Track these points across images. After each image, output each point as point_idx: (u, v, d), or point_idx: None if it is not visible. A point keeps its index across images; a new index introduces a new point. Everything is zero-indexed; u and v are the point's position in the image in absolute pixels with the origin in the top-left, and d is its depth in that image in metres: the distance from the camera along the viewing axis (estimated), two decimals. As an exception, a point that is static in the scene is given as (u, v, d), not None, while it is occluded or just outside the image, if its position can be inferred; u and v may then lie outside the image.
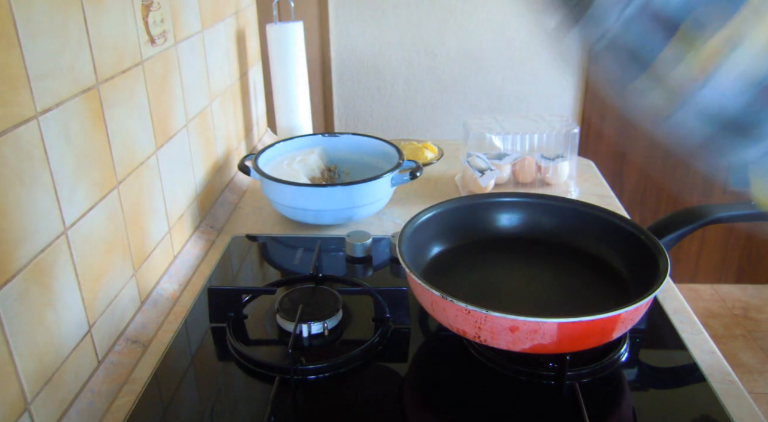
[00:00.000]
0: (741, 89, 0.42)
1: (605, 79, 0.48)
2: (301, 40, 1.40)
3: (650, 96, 0.46)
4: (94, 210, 0.71)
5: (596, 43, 0.47)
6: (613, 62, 0.47)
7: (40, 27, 0.61)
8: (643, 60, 0.45)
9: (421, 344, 0.79)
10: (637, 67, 0.45)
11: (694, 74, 0.43)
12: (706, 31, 0.41)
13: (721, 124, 0.44)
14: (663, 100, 0.45)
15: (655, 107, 0.46)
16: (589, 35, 0.47)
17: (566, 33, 0.48)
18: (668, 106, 0.45)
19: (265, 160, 1.13)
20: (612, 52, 0.46)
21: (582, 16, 0.47)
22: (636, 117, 0.48)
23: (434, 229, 0.87)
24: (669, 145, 0.47)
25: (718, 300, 2.32)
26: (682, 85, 0.44)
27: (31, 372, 0.60)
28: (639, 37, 0.44)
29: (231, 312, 0.82)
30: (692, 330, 0.82)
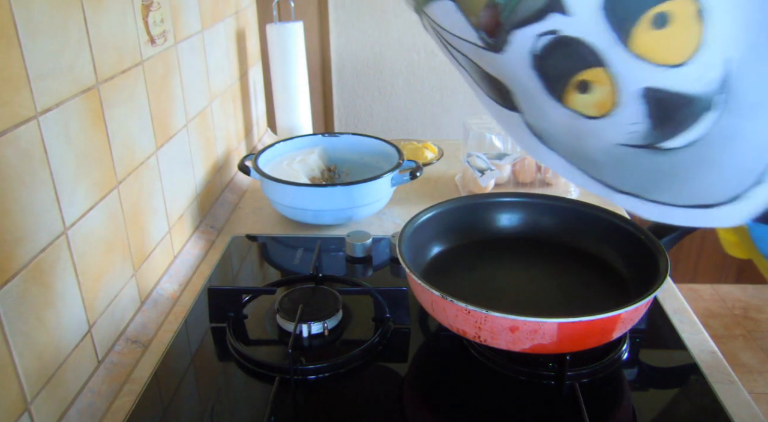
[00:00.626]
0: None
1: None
2: (301, 40, 1.40)
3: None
4: (94, 210, 0.71)
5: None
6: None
7: (40, 27, 0.61)
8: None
9: (421, 344, 0.79)
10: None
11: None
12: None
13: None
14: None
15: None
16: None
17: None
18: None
19: (265, 160, 1.13)
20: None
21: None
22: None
23: (434, 229, 0.87)
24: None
25: (718, 300, 2.32)
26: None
27: (31, 372, 0.60)
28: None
29: (231, 312, 0.82)
30: (692, 330, 0.82)
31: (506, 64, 0.44)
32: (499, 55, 0.43)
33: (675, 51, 0.38)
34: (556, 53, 0.41)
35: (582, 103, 0.43)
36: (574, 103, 0.43)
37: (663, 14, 0.37)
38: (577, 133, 0.45)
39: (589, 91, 0.42)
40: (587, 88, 0.42)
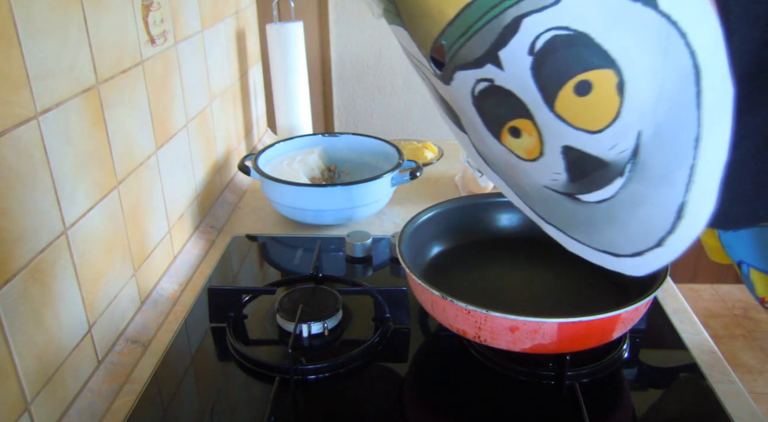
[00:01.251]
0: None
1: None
2: (301, 40, 1.40)
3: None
4: (94, 210, 0.71)
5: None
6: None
7: (40, 27, 0.61)
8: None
9: (421, 344, 0.79)
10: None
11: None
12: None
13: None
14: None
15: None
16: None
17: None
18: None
19: (265, 160, 1.13)
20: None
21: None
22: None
23: (434, 229, 0.87)
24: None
25: (718, 300, 2.32)
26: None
27: (31, 372, 0.60)
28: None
29: (231, 312, 0.82)
30: (692, 330, 0.82)
31: (452, 95, 0.47)
32: (447, 86, 0.46)
33: (593, 118, 0.41)
34: (491, 98, 0.43)
35: (514, 145, 0.46)
36: (508, 143, 0.46)
37: (586, 82, 0.39)
38: (512, 167, 0.49)
39: (520, 137, 0.45)
40: (517, 134, 0.45)
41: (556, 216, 0.51)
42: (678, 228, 0.44)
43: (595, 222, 0.48)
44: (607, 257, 0.50)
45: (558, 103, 0.41)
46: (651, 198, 0.44)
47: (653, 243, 0.46)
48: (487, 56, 0.41)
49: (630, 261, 0.48)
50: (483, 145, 0.50)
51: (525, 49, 0.39)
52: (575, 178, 0.45)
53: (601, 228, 0.48)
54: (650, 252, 0.47)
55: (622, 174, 0.44)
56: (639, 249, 0.47)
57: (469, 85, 0.44)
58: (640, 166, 0.43)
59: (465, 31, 0.40)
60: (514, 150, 0.46)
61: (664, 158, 0.42)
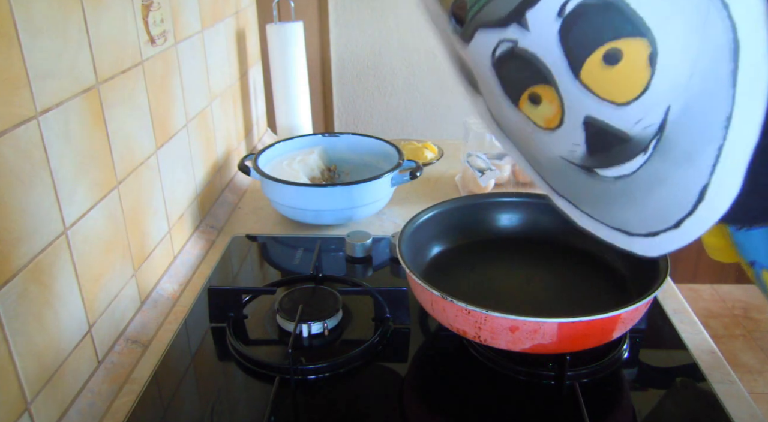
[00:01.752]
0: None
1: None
2: (301, 40, 1.40)
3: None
4: (94, 210, 0.71)
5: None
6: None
7: (40, 27, 0.61)
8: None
9: (421, 344, 0.79)
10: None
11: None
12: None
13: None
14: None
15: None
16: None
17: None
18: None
19: (265, 160, 1.13)
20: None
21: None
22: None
23: (434, 229, 0.87)
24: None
25: (718, 300, 2.32)
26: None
27: (31, 372, 0.60)
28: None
29: (231, 312, 0.82)
30: (692, 330, 0.82)
31: (471, 55, 0.45)
32: (466, 45, 0.44)
33: (620, 90, 0.39)
34: (513, 61, 0.42)
35: (533, 112, 0.44)
36: (526, 110, 0.44)
37: (616, 51, 0.38)
38: (528, 135, 0.47)
39: (539, 104, 0.43)
40: (537, 101, 0.43)
41: (569, 189, 0.49)
42: (698, 210, 0.42)
43: (610, 199, 0.46)
44: (618, 235, 0.48)
45: (584, 71, 0.39)
46: (672, 177, 0.42)
47: (670, 225, 0.44)
48: (513, 15, 0.39)
49: (642, 241, 0.46)
50: (499, 109, 0.48)
51: (554, 11, 0.37)
52: (594, 151, 0.43)
53: (616, 204, 0.46)
54: (665, 233, 0.45)
55: (645, 150, 0.42)
56: (654, 229, 0.45)
57: (490, 45, 0.42)
58: (665, 143, 0.41)
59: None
60: (533, 117, 0.44)
61: (691, 137, 0.40)
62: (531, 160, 0.51)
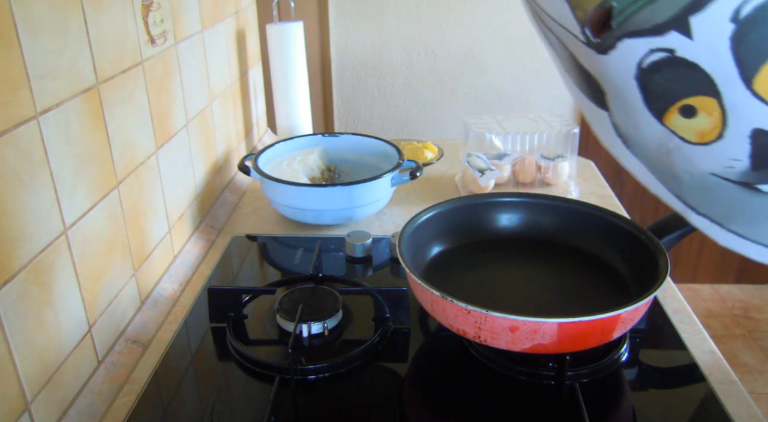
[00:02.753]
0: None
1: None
2: (301, 40, 1.40)
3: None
4: (94, 210, 0.71)
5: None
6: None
7: (40, 27, 0.61)
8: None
9: (421, 344, 0.79)
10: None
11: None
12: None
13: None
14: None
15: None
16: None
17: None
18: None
19: (265, 160, 1.13)
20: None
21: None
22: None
23: (434, 229, 0.87)
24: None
25: (718, 300, 2.32)
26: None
27: (31, 372, 0.60)
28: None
29: (231, 312, 0.82)
30: (692, 330, 0.82)
31: (607, 67, 0.42)
32: (602, 56, 0.41)
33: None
34: (666, 72, 0.38)
35: (682, 126, 0.41)
36: (673, 123, 0.41)
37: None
38: (669, 150, 0.43)
39: (693, 117, 0.40)
40: (692, 114, 0.40)
41: (716, 208, 0.46)
42: None
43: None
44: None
45: (758, 79, 0.36)
46: None
47: None
48: (674, 22, 0.36)
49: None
50: (632, 124, 0.45)
51: (728, 16, 0.35)
52: (760, 165, 0.40)
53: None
54: None
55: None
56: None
57: (637, 55, 0.39)
58: None
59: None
60: (680, 132, 0.41)
61: None
62: (665, 178, 0.48)
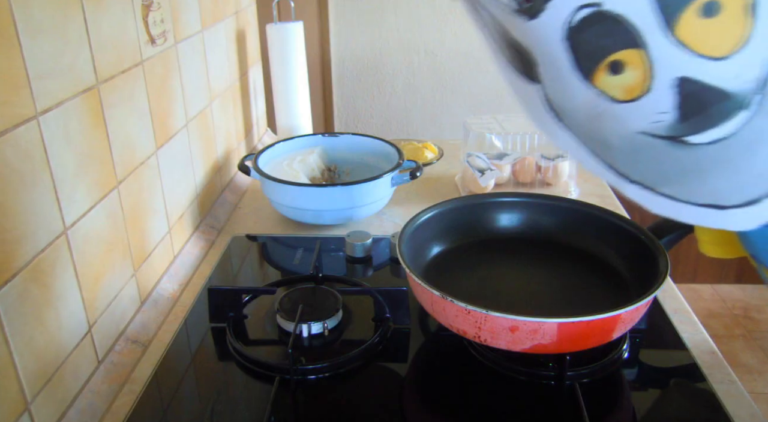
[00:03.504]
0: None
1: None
2: (301, 40, 1.40)
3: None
4: (94, 210, 0.71)
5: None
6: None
7: (40, 27, 0.61)
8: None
9: (421, 344, 0.79)
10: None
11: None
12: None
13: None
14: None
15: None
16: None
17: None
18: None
19: (265, 160, 1.13)
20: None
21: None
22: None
23: (434, 229, 0.87)
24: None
25: (718, 300, 2.32)
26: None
27: (31, 372, 0.60)
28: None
29: (231, 312, 0.82)
30: (692, 330, 0.82)
31: (537, 32, 0.42)
32: (532, 21, 0.41)
33: (719, 43, 0.37)
34: (594, 28, 0.39)
35: (611, 84, 0.41)
36: (602, 83, 0.42)
37: (714, 2, 0.36)
38: (598, 114, 0.44)
39: (621, 72, 0.40)
40: (619, 69, 0.40)
41: (646, 170, 0.46)
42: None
43: (700, 169, 0.43)
44: (709, 212, 0.45)
45: (679, 26, 0.37)
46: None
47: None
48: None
49: (739, 213, 0.43)
50: (562, 92, 0.45)
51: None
52: (687, 116, 0.41)
53: (707, 175, 0.43)
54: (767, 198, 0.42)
55: (746, 107, 0.39)
56: (754, 196, 0.42)
57: (566, 13, 0.40)
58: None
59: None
60: (610, 90, 0.42)
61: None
62: (597, 148, 0.48)
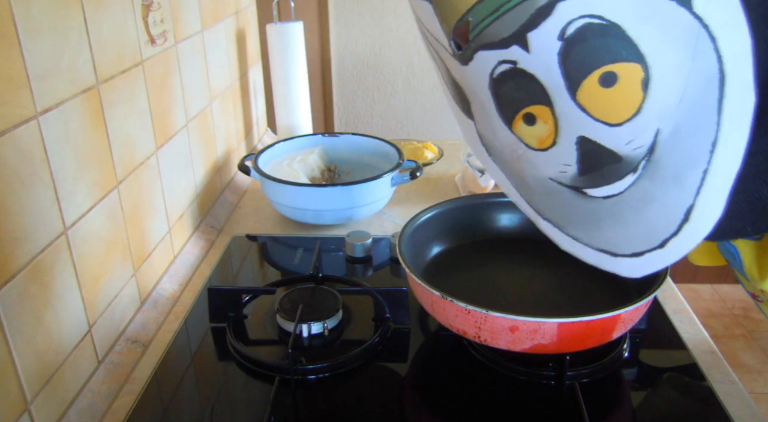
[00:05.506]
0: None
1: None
2: (301, 40, 1.40)
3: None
4: (94, 210, 0.71)
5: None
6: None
7: (40, 27, 0.61)
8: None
9: (421, 344, 0.79)
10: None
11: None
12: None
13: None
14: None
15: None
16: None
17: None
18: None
19: (265, 160, 1.13)
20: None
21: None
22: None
23: (434, 229, 0.87)
24: None
25: (718, 300, 2.32)
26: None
27: (31, 372, 0.60)
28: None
29: (231, 312, 0.82)
30: (692, 330, 0.82)
31: (468, 77, 0.46)
32: (464, 67, 0.45)
33: (614, 111, 0.41)
34: (510, 82, 0.43)
35: (526, 133, 0.45)
36: (519, 130, 0.46)
37: (611, 74, 0.39)
38: (518, 156, 0.48)
39: (534, 124, 0.44)
40: (532, 121, 0.44)
41: (555, 212, 0.51)
42: (682, 231, 0.44)
43: (597, 219, 0.48)
44: (603, 256, 0.50)
45: (581, 91, 0.41)
46: (660, 198, 0.44)
47: (655, 245, 0.46)
48: (515, 37, 0.40)
49: (627, 262, 0.48)
50: (490, 132, 0.50)
51: (555, 34, 0.39)
52: (586, 170, 0.45)
53: (602, 225, 0.48)
54: (650, 253, 0.46)
55: (635, 170, 0.43)
56: (639, 249, 0.47)
57: (489, 66, 0.43)
58: (654, 164, 0.43)
59: (495, 9, 0.40)
60: (525, 138, 0.46)
61: (678, 159, 0.42)
62: (517, 184, 0.53)
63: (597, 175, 0.45)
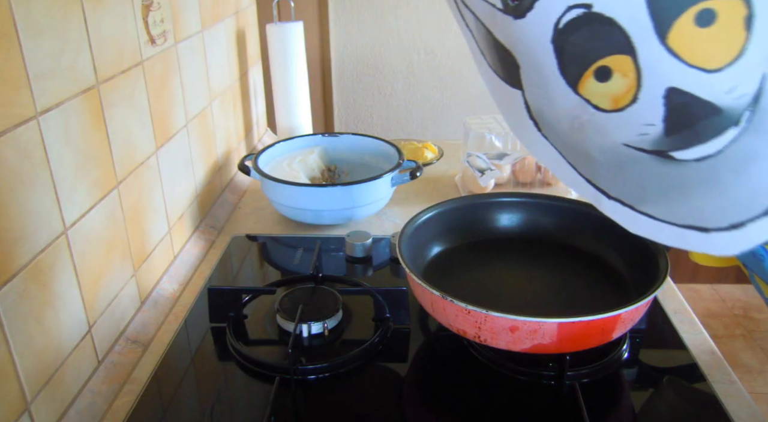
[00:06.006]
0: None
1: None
2: (301, 40, 1.40)
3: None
4: (94, 210, 0.71)
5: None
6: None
7: (40, 27, 0.61)
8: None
9: (421, 344, 0.79)
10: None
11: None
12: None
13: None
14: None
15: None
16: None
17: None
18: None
19: (265, 160, 1.13)
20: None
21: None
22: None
23: (434, 229, 0.87)
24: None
25: (718, 300, 2.32)
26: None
27: (31, 372, 0.60)
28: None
29: (231, 312, 0.82)
30: (692, 330, 0.82)
31: (523, 33, 0.41)
32: (519, 20, 0.40)
33: (713, 54, 0.36)
34: (583, 30, 0.38)
35: (597, 91, 0.40)
36: (588, 90, 0.40)
37: (709, 11, 0.35)
38: (581, 124, 0.42)
39: (608, 79, 0.39)
40: (607, 76, 0.39)
41: (628, 186, 0.44)
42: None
43: (685, 187, 0.41)
44: (690, 234, 0.42)
45: (672, 34, 0.35)
46: (767, 153, 0.38)
47: (759, 211, 0.39)
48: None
49: (723, 237, 0.41)
50: (545, 99, 0.43)
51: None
52: (674, 129, 0.39)
53: (692, 194, 0.41)
54: (753, 222, 0.39)
55: (737, 123, 0.37)
56: (739, 219, 0.40)
57: (554, 15, 0.38)
58: (760, 114, 0.37)
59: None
60: (595, 98, 0.40)
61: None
62: (576, 160, 0.46)
63: (689, 134, 0.38)
